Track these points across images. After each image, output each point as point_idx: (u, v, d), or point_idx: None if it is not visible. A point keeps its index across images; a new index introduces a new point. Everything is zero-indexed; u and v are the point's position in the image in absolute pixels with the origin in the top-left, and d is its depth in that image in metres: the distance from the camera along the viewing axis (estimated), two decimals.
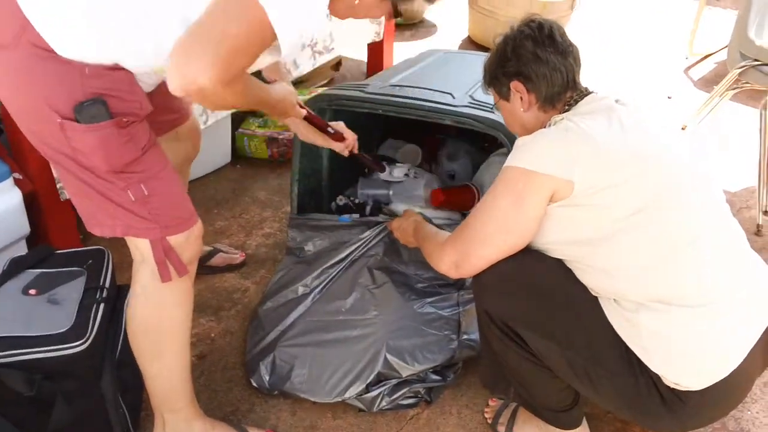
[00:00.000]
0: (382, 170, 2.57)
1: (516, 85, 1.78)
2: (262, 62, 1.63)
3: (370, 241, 2.35)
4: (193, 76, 1.36)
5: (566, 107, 1.75)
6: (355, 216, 2.55)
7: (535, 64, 1.74)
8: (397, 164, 2.65)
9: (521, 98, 1.79)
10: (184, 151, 2.20)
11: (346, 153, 2.27)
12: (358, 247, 2.34)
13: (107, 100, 1.49)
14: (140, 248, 1.68)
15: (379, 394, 2.05)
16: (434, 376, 2.12)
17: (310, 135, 2.20)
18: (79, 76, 1.47)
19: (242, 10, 1.37)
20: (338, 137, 2.22)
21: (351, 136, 2.25)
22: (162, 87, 1.56)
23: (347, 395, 2.04)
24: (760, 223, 3.14)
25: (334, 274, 2.31)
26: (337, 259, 2.33)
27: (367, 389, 2.05)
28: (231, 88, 1.42)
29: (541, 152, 1.62)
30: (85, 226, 1.67)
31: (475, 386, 2.19)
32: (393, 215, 2.50)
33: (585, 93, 1.77)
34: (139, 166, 1.58)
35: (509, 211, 1.65)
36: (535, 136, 1.66)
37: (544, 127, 1.73)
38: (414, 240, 2.11)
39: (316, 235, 2.48)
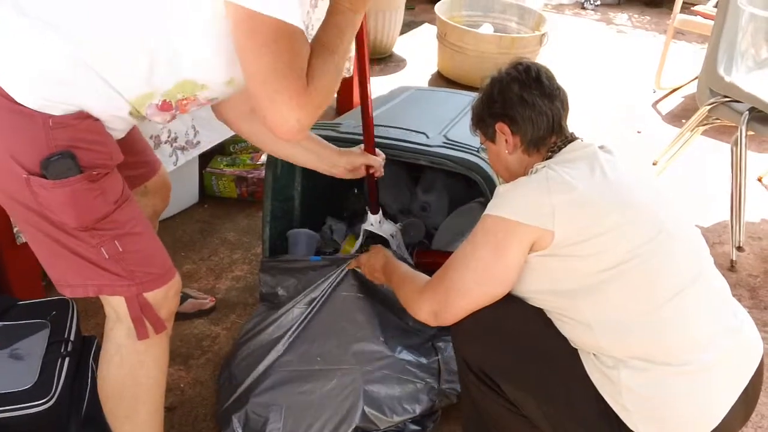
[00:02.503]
0: (375, 212, 2.44)
1: (501, 127, 1.76)
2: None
3: (341, 279, 2.28)
4: (284, 119, 1.44)
5: (549, 153, 1.73)
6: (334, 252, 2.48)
7: (521, 106, 1.72)
8: (389, 220, 2.52)
9: (506, 140, 1.76)
10: (152, 206, 2.11)
11: (381, 169, 2.24)
12: (330, 285, 2.26)
13: (76, 152, 1.42)
14: (114, 306, 1.61)
15: None
16: (413, 427, 2.06)
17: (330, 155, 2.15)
18: (44, 128, 1.39)
19: (263, 36, 1.38)
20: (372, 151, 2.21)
21: (381, 154, 2.23)
22: (129, 142, 1.51)
23: None
24: (734, 258, 3.15)
25: (306, 316, 2.23)
26: (308, 299, 2.26)
27: None
28: (311, 99, 1.46)
29: (521, 201, 1.59)
30: (56, 287, 1.58)
31: None
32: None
33: (569, 139, 1.74)
34: (111, 222, 1.51)
35: (489, 262, 1.62)
36: (516, 185, 1.63)
37: (526, 174, 1.70)
38: (383, 277, 2.07)
39: (289, 278, 2.40)
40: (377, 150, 2.23)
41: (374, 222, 2.44)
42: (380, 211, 2.44)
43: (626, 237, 1.55)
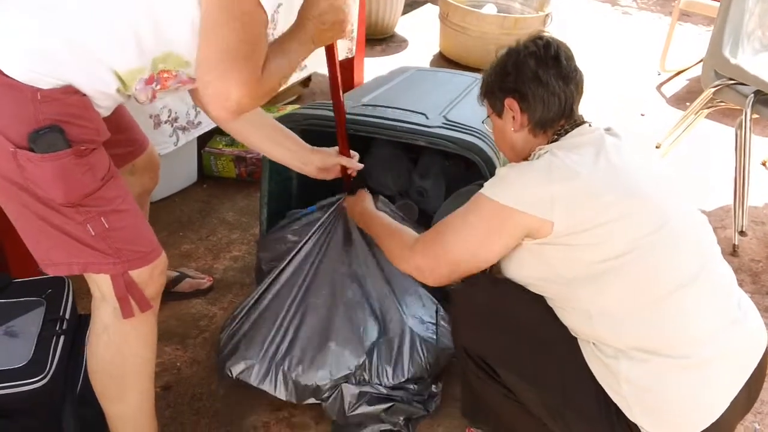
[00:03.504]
0: None
1: (510, 103, 1.71)
2: None
3: (331, 222, 2.28)
4: (226, 96, 1.45)
5: (555, 137, 1.68)
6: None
7: (534, 84, 1.66)
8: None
9: (513, 117, 1.71)
10: (140, 185, 2.09)
11: (355, 171, 2.20)
12: (323, 230, 2.27)
13: (64, 127, 1.40)
14: (100, 285, 1.59)
15: (363, 394, 2.02)
16: (417, 404, 2.06)
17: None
18: (32, 101, 1.37)
19: (237, 11, 1.41)
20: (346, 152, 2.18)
21: (356, 155, 2.21)
22: (116, 120, 1.49)
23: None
24: (736, 243, 3.13)
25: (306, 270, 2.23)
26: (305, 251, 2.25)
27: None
28: (259, 86, 1.50)
29: (521, 190, 1.56)
30: (39, 266, 1.57)
31: (452, 416, 2.13)
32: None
33: (577, 123, 1.69)
34: (98, 198, 1.49)
35: (482, 243, 1.62)
36: (518, 170, 1.60)
37: (529, 157, 1.67)
38: (361, 223, 2.09)
39: (286, 242, 2.38)
40: (352, 152, 2.19)
41: None
42: None
43: (628, 228, 1.52)
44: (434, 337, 2.10)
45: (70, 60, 1.40)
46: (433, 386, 2.11)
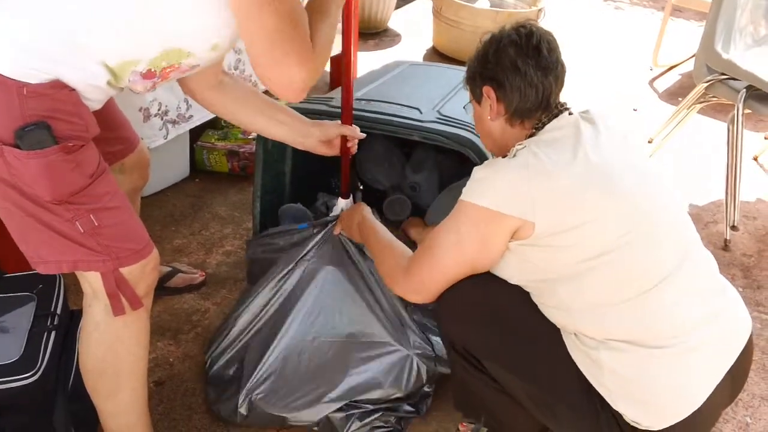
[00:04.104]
0: (346, 197, 2.33)
1: (488, 91, 1.69)
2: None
3: (321, 243, 2.21)
4: (291, 80, 1.48)
5: (533, 130, 1.66)
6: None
7: (512, 73, 1.64)
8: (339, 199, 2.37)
9: (490, 106, 1.70)
10: (130, 183, 2.06)
11: (355, 142, 2.17)
12: (308, 252, 2.20)
13: (51, 123, 1.38)
14: (91, 282, 1.58)
15: (351, 416, 1.99)
16: (408, 407, 2.06)
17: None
18: (18, 96, 1.35)
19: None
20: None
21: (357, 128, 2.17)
22: (106, 118, 1.47)
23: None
24: (728, 237, 3.14)
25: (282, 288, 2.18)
26: (286, 270, 2.19)
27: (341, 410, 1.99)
28: (316, 58, 1.52)
29: (501, 191, 1.54)
30: (30, 264, 1.55)
31: (445, 411, 2.13)
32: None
33: (555, 113, 1.67)
34: (87, 196, 1.47)
35: (474, 253, 1.62)
36: (495, 170, 1.58)
37: (506, 146, 1.67)
38: (358, 235, 2.06)
39: (274, 254, 2.32)
40: (354, 126, 2.16)
41: (345, 207, 2.30)
42: (351, 196, 2.33)
43: (607, 227, 1.52)
44: (432, 353, 2.07)
45: (57, 53, 1.38)
46: (426, 386, 2.10)
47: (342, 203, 2.30)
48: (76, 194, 1.45)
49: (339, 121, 2.13)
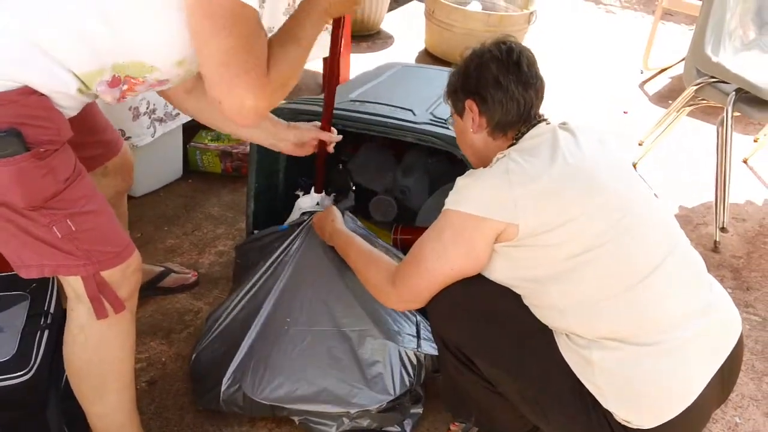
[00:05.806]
0: (319, 191, 2.35)
1: (470, 104, 1.73)
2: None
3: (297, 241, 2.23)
4: (241, 106, 1.42)
5: (514, 141, 1.70)
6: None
7: (494, 88, 1.69)
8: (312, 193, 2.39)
9: (473, 119, 1.73)
10: (113, 187, 2.05)
11: (332, 144, 2.19)
12: (285, 250, 2.22)
13: (21, 129, 1.36)
14: (73, 286, 1.57)
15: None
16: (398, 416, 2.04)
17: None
18: None
19: (221, 19, 1.35)
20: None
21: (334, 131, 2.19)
22: (87, 122, 1.45)
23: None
24: (717, 239, 3.16)
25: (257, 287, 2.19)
26: (272, 270, 2.20)
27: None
28: (270, 85, 1.45)
29: (483, 197, 1.57)
30: (13, 268, 1.54)
31: (435, 411, 2.13)
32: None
33: (533, 124, 1.71)
34: (62, 201, 1.45)
35: (461, 260, 1.63)
36: (476, 178, 1.62)
37: (488, 158, 1.69)
38: (332, 244, 2.08)
39: (259, 256, 2.32)
40: (332, 128, 2.18)
41: (320, 201, 2.35)
42: (323, 192, 2.36)
43: (591, 224, 1.54)
44: (418, 349, 2.05)
45: (24, 60, 1.37)
46: (418, 387, 2.09)
47: (317, 197, 2.34)
48: (50, 199, 1.44)
49: (315, 124, 2.16)
